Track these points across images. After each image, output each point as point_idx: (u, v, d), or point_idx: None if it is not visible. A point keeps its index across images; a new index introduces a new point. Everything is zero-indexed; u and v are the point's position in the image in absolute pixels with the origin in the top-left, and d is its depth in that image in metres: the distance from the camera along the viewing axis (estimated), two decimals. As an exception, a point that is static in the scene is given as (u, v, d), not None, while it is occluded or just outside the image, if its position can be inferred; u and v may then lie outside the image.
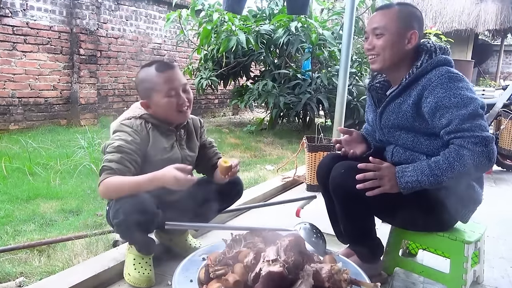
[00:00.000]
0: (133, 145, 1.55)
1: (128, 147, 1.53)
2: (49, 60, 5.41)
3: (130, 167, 1.52)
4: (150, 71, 1.60)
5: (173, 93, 1.59)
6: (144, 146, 1.59)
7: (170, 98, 1.59)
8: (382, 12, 1.57)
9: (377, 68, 1.61)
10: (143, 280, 1.60)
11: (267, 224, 2.11)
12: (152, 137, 1.62)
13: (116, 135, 1.57)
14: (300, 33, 5.49)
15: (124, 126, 1.59)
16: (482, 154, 1.34)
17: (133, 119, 1.62)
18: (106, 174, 1.48)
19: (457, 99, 1.40)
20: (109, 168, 1.49)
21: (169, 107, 1.60)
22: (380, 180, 1.48)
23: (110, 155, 1.51)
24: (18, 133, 4.87)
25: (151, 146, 1.61)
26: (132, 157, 1.53)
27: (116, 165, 1.49)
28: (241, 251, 1.36)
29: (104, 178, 1.48)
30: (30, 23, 5.13)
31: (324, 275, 1.26)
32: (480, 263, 1.77)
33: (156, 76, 1.58)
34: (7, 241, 2.05)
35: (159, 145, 1.63)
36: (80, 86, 5.67)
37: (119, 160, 1.50)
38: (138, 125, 1.60)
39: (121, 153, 1.51)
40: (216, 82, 6.20)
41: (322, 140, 3.30)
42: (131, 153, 1.53)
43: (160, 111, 1.63)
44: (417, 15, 1.58)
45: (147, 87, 1.61)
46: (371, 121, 1.81)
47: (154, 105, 1.62)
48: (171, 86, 1.59)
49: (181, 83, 1.62)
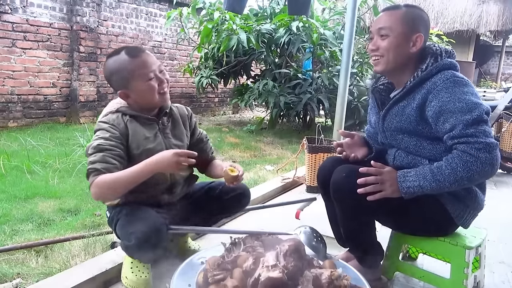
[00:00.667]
0: (113, 141, 1.50)
1: (108, 144, 1.48)
2: (49, 57, 5.39)
3: (115, 162, 1.47)
4: (122, 59, 1.53)
5: (152, 75, 1.53)
6: (124, 140, 1.54)
7: (150, 82, 1.53)
8: (388, 13, 1.55)
9: (380, 70, 1.59)
10: (141, 284, 1.58)
11: (266, 226, 2.09)
12: (131, 129, 1.56)
13: (95, 135, 1.53)
14: (301, 32, 5.47)
15: (101, 124, 1.55)
16: (486, 161, 1.33)
17: (110, 115, 1.58)
18: (93, 176, 1.44)
19: (461, 104, 1.38)
20: (94, 169, 1.44)
21: (150, 91, 1.54)
22: (382, 185, 1.47)
23: (92, 156, 1.47)
24: (17, 130, 4.86)
25: (132, 138, 1.56)
26: (114, 153, 1.48)
27: (100, 164, 1.44)
28: (240, 255, 1.35)
29: (92, 180, 1.43)
30: (30, 20, 5.11)
31: (324, 281, 1.25)
32: (480, 268, 1.76)
33: (131, 63, 1.52)
34: (5, 241, 2.03)
35: (140, 136, 1.57)
36: (79, 84, 5.65)
37: (101, 159, 1.45)
38: (114, 119, 1.55)
39: (102, 151, 1.47)
40: (217, 81, 6.18)
41: (323, 141, 3.28)
42: (112, 149, 1.48)
43: (141, 98, 1.57)
44: (424, 18, 1.56)
45: (123, 76, 1.53)
46: (373, 124, 1.79)
47: (133, 93, 1.56)
48: (149, 69, 1.53)
49: (156, 64, 1.56)
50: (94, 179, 1.43)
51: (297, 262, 1.24)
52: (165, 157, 1.44)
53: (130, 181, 1.44)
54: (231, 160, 4.29)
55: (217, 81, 6.21)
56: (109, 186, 1.43)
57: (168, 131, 1.67)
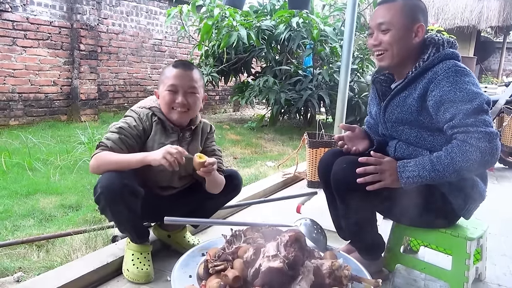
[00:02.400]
0: (134, 130, 1.60)
1: (129, 131, 1.59)
2: (50, 55, 5.39)
3: (124, 149, 1.56)
4: (170, 65, 1.68)
5: (172, 89, 1.61)
6: (144, 136, 1.63)
7: (168, 93, 1.62)
8: (386, 6, 1.53)
9: (385, 65, 1.57)
10: (142, 276, 1.59)
11: (267, 220, 2.10)
12: (154, 130, 1.64)
13: (124, 118, 1.64)
14: (301, 29, 5.46)
15: (132, 112, 1.66)
16: (486, 150, 1.32)
17: (143, 109, 1.67)
18: (100, 149, 1.54)
19: (462, 94, 1.38)
20: (104, 145, 1.55)
21: (164, 100, 1.64)
22: (381, 175, 1.46)
23: (110, 133, 1.58)
24: (19, 128, 4.86)
25: (151, 138, 1.64)
26: (129, 141, 1.58)
27: (112, 143, 1.55)
28: (241, 246, 1.35)
29: (97, 152, 1.54)
30: (31, 18, 5.11)
31: (325, 271, 1.25)
32: (482, 260, 1.76)
33: (169, 70, 1.65)
34: (6, 236, 2.04)
35: (159, 139, 1.64)
36: (80, 82, 5.65)
37: (116, 140, 1.55)
38: (144, 114, 1.65)
39: (120, 134, 1.57)
40: (217, 78, 6.18)
41: (323, 136, 3.28)
42: (130, 136, 1.58)
43: (160, 103, 1.67)
44: (422, 7, 1.55)
45: (161, 78, 1.69)
46: (374, 115, 1.78)
47: (159, 95, 1.68)
48: (173, 82, 1.62)
49: (187, 84, 1.63)
50: (99, 151, 1.54)
51: (298, 253, 1.24)
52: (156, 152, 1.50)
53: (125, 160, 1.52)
54: (232, 157, 4.29)
55: (217, 79, 6.21)
56: (104, 162, 1.52)
57: (184, 145, 1.70)
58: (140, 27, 6.69)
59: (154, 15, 6.92)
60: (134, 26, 6.58)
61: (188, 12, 5.79)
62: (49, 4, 5.29)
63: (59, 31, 5.45)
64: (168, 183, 1.72)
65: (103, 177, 1.50)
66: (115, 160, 1.51)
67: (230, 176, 1.79)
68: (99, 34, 5.95)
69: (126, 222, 1.60)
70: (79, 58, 5.61)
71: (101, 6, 5.98)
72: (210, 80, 6.06)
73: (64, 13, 5.50)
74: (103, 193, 1.47)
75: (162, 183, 1.71)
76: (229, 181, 1.77)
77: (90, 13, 5.67)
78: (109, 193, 1.47)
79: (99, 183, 1.49)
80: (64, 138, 4.40)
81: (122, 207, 1.51)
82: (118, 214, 1.56)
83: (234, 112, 8.72)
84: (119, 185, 1.46)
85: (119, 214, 1.55)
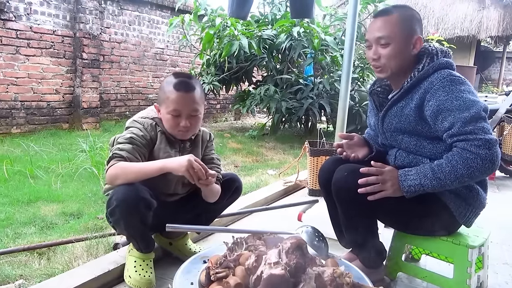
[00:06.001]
0: (143, 140, 1.60)
1: (139, 140, 1.58)
2: (52, 64, 5.43)
3: (139, 158, 1.56)
4: (170, 83, 1.61)
5: (176, 114, 1.60)
6: (151, 146, 1.63)
7: (172, 117, 1.60)
8: (383, 20, 1.54)
9: (384, 77, 1.59)
10: (144, 283, 1.58)
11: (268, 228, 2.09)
12: (159, 140, 1.65)
13: (128, 130, 1.62)
14: (302, 38, 5.50)
15: (135, 123, 1.65)
16: (486, 157, 1.33)
17: (147, 119, 1.66)
18: (116, 160, 1.51)
19: (459, 102, 1.39)
20: (119, 155, 1.52)
21: (169, 124, 1.63)
22: (383, 184, 1.47)
23: (122, 144, 1.56)
24: (20, 136, 4.88)
25: (157, 147, 1.64)
26: (141, 150, 1.58)
27: (127, 153, 1.53)
28: (243, 253, 1.35)
29: (114, 163, 1.50)
30: (34, 27, 5.16)
31: (327, 278, 1.24)
32: (484, 268, 1.75)
33: (170, 91, 1.60)
34: (7, 244, 2.04)
35: (164, 148, 1.65)
36: (82, 90, 5.69)
37: (130, 150, 1.54)
38: (149, 125, 1.65)
39: (133, 144, 1.56)
40: (218, 87, 6.21)
41: (325, 144, 3.29)
42: (141, 146, 1.58)
43: (163, 122, 1.66)
44: (417, 18, 1.57)
45: (161, 96, 1.65)
46: (373, 126, 1.80)
47: (161, 114, 1.66)
48: (176, 107, 1.59)
49: (190, 108, 1.61)
50: (116, 162, 1.51)
51: (300, 260, 1.24)
52: (180, 158, 1.50)
53: (144, 170, 1.51)
54: (233, 165, 4.29)
55: (219, 87, 6.24)
56: (124, 171, 1.49)
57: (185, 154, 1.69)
58: (142, 36, 6.74)
59: (156, 24, 6.99)
60: (136, 35, 6.64)
61: (190, 22, 5.84)
62: (52, 14, 5.35)
63: (62, 40, 5.50)
64: (173, 190, 1.73)
65: (119, 190, 1.48)
66: (134, 170, 1.50)
67: (230, 179, 1.80)
68: (101, 43, 6.00)
69: (137, 233, 1.60)
70: (81, 67, 5.65)
71: (103, 15, 6.05)
72: (212, 89, 6.10)
73: (67, 22, 5.55)
74: (118, 206, 1.46)
75: (168, 190, 1.71)
76: (230, 185, 1.78)
77: (93, 22, 5.73)
78: (126, 206, 1.46)
79: (115, 196, 1.48)
80: (65, 146, 4.41)
81: (136, 220, 1.52)
82: (131, 227, 1.56)
83: (235, 120, 8.74)
84: (135, 198, 1.46)
85: (132, 227, 1.56)
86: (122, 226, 1.57)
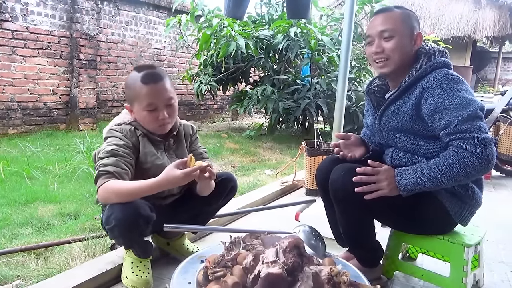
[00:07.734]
0: (126, 149, 1.53)
1: (121, 150, 1.51)
2: (49, 64, 5.42)
3: (127, 169, 1.50)
4: (136, 79, 1.54)
5: (153, 108, 1.54)
6: (136, 152, 1.58)
7: (148, 112, 1.54)
8: (386, 15, 1.57)
9: (387, 72, 1.58)
10: (141, 283, 1.58)
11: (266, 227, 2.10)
12: (142, 144, 1.60)
13: (107, 141, 1.54)
14: (299, 38, 5.51)
15: (114, 132, 1.57)
16: (482, 156, 1.34)
17: (123, 125, 1.60)
18: (104, 178, 1.44)
19: (456, 101, 1.40)
20: (106, 172, 1.44)
21: (147, 120, 1.57)
22: (379, 184, 1.48)
23: (105, 159, 1.47)
24: (17, 137, 4.87)
25: (142, 152, 1.59)
26: (127, 160, 1.51)
27: (113, 168, 1.45)
28: (240, 253, 1.35)
29: (102, 182, 1.43)
30: (30, 28, 5.15)
31: (324, 277, 1.25)
32: (480, 266, 1.76)
33: (140, 87, 1.52)
34: (4, 245, 2.03)
35: (149, 152, 1.61)
36: (79, 91, 5.68)
37: (114, 163, 1.46)
38: (128, 131, 1.58)
39: (116, 156, 1.49)
40: (216, 87, 6.21)
41: (322, 144, 3.30)
42: (125, 156, 1.51)
43: (140, 120, 1.60)
44: (415, 17, 1.61)
45: (130, 94, 1.58)
46: (370, 125, 1.81)
47: (135, 113, 1.60)
48: (151, 101, 1.53)
49: (164, 98, 1.55)
50: (105, 181, 1.43)
51: (297, 259, 1.24)
52: (176, 177, 1.40)
53: (138, 193, 1.45)
54: (230, 165, 4.30)
55: (216, 88, 6.24)
56: (117, 194, 1.43)
57: (171, 152, 1.70)
58: (139, 36, 6.74)
59: (153, 24, 6.98)
60: (133, 36, 6.63)
61: (187, 22, 5.84)
62: (49, 14, 5.34)
63: (58, 40, 5.49)
64: (168, 192, 1.72)
65: (117, 209, 1.42)
66: (127, 191, 1.43)
67: (225, 179, 1.78)
68: (98, 43, 5.99)
69: (136, 244, 1.60)
70: (78, 67, 5.64)
71: (100, 16, 6.04)
72: (209, 89, 6.09)
73: (64, 23, 5.54)
74: (117, 226, 1.44)
75: (163, 193, 1.70)
76: (225, 184, 1.77)
77: (90, 22, 5.72)
78: (125, 226, 1.44)
79: (113, 215, 1.43)
80: (62, 147, 4.41)
81: (135, 235, 1.52)
82: (130, 240, 1.57)
83: (233, 121, 8.75)
84: (135, 217, 1.43)
85: (131, 240, 1.57)
86: (121, 241, 1.58)
